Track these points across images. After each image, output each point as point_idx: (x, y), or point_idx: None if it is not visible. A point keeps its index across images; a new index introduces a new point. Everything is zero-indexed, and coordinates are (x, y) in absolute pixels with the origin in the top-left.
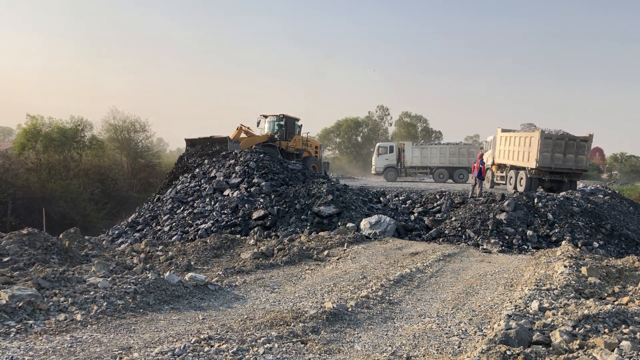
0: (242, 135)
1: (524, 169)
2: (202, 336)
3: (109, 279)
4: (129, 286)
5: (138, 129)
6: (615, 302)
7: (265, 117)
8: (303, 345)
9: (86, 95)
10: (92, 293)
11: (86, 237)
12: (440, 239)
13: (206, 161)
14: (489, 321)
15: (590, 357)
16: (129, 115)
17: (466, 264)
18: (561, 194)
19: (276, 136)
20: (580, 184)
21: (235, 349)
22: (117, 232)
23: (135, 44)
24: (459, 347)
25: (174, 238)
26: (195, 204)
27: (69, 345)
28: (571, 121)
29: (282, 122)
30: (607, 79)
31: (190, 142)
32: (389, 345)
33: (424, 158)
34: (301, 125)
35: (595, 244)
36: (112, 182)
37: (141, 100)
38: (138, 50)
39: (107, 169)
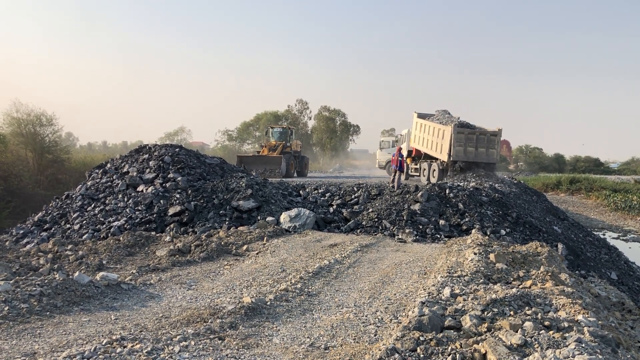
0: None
1: (437, 159)
2: (114, 337)
3: (11, 282)
4: (34, 288)
5: (44, 122)
6: (520, 286)
7: (273, 128)
8: (220, 341)
9: None
10: None
11: None
12: (358, 230)
13: (118, 155)
14: (404, 309)
15: (497, 338)
16: (34, 108)
17: (382, 253)
18: (471, 184)
19: (288, 144)
20: None
21: (149, 349)
22: (22, 231)
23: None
24: (375, 335)
25: (84, 237)
26: (107, 201)
27: None
28: (480, 114)
29: (289, 132)
30: (513, 75)
31: (240, 160)
32: (307, 337)
33: None
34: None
35: (503, 232)
36: (17, 179)
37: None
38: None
39: (10, 165)
